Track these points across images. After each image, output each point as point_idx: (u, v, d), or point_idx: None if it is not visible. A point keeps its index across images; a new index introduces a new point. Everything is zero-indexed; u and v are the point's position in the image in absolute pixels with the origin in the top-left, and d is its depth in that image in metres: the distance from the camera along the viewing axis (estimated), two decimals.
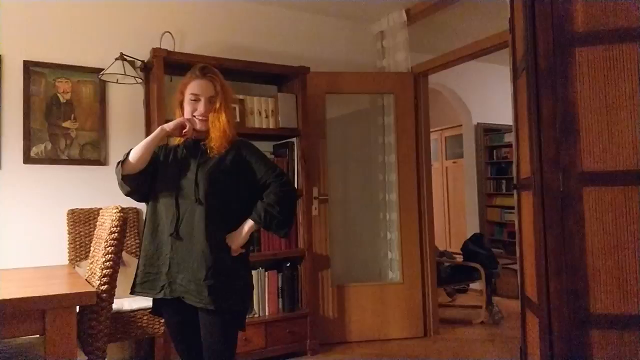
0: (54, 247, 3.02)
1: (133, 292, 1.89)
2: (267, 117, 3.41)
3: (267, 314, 3.32)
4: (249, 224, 1.90)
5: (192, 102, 1.91)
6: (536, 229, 1.94)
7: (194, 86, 1.91)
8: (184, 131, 1.91)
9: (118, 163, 1.89)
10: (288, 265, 3.43)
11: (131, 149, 1.89)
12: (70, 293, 1.71)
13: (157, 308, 1.97)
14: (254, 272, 3.23)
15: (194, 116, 1.91)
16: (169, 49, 3.16)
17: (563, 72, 1.86)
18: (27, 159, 3.02)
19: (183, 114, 1.94)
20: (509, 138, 5.91)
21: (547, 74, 1.88)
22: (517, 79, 2.34)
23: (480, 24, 4.13)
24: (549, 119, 1.88)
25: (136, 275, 1.90)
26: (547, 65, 1.88)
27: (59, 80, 3.13)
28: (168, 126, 1.91)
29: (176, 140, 1.99)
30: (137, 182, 1.89)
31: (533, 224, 1.99)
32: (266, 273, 3.34)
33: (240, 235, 1.89)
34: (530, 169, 1.99)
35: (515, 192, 2.49)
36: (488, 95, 5.79)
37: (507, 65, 2.63)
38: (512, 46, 2.47)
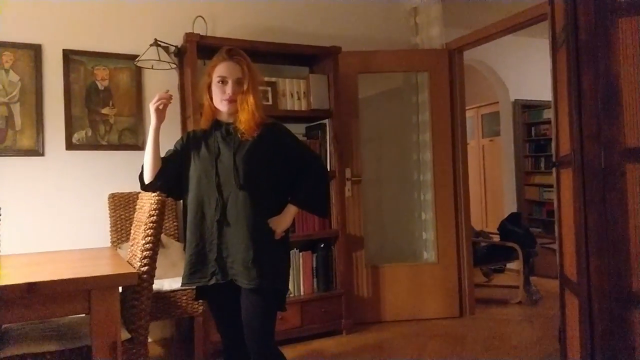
0: (97, 230, 3.14)
1: (184, 284, 1.93)
2: (299, 99, 3.41)
3: (302, 293, 3.37)
4: (292, 209, 1.95)
5: (219, 85, 1.91)
6: (576, 207, 1.88)
7: (221, 68, 1.91)
8: (159, 102, 1.90)
9: (140, 180, 1.96)
10: (322, 245, 3.46)
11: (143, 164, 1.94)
12: (114, 274, 1.78)
13: (202, 292, 1.99)
14: None
15: (223, 99, 1.91)
16: (201, 34, 3.18)
17: (605, 44, 1.78)
18: (70, 146, 3.13)
19: (211, 98, 1.95)
20: (548, 114, 5.73)
21: (588, 45, 1.80)
22: (557, 52, 2.25)
23: None
24: (590, 93, 1.81)
25: (185, 267, 1.92)
26: (588, 37, 1.80)
27: (97, 67, 3.21)
28: (153, 121, 1.92)
29: (202, 125, 1.99)
30: (161, 182, 1.93)
31: (573, 202, 1.93)
32: (301, 254, 3.38)
33: (285, 219, 1.93)
34: (570, 145, 1.93)
35: (554, 169, 2.42)
36: (526, 70, 5.61)
37: (545, 38, 2.53)
38: (551, 18, 2.38)
